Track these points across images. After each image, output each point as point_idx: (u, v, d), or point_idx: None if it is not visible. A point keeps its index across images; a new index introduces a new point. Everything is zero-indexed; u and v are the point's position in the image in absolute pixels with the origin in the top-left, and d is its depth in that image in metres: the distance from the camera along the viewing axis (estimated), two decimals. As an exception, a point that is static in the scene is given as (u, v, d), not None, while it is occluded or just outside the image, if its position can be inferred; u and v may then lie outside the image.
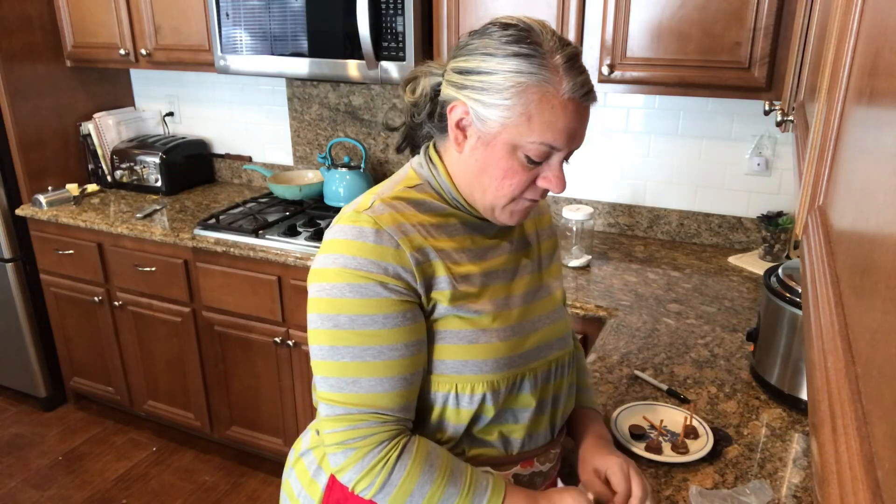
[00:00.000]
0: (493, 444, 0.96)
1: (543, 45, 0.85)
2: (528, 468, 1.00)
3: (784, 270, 1.38)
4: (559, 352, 1.03)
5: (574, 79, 0.85)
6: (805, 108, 1.02)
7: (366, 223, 0.88)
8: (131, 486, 2.59)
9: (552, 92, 0.84)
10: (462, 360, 0.91)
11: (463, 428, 0.93)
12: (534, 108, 0.84)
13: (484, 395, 0.92)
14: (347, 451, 0.88)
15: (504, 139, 0.87)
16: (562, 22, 1.92)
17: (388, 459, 0.87)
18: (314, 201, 2.65)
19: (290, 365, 2.40)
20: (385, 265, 0.86)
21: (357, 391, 0.87)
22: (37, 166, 2.81)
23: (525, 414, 0.97)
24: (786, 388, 1.34)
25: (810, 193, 0.70)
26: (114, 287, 2.66)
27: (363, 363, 0.87)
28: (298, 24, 2.21)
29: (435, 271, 0.90)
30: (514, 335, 0.95)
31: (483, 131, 0.88)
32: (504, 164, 0.88)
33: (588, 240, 2.10)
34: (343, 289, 0.87)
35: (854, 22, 0.58)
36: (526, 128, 0.85)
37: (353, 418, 0.88)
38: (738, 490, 1.09)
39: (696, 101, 2.17)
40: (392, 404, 0.88)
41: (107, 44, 2.69)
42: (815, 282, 0.59)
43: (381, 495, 0.88)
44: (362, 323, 0.86)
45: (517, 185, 0.89)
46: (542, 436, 1.01)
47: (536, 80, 0.84)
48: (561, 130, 0.86)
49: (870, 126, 0.46)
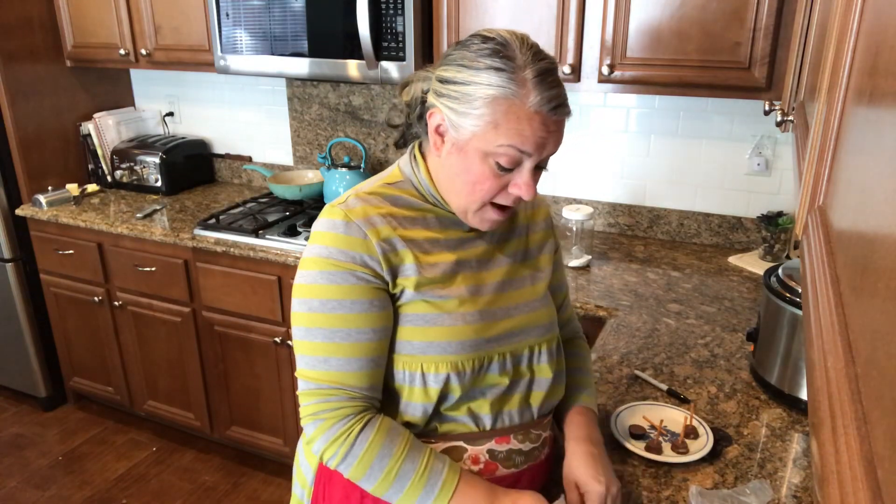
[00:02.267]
0: (463, 420, 1.01)
1: (516, 60, 0.90)
2: (505, 444, 1.03)
3: (784, 270, 1.38)
4: (538, 338, 1.06)
5: (542, 93, 0.89)
6: (805, 108, 1.02)
7: (337, 216, 0.96)
8: (131, 486, 2.59)
9: (518, 104, 0.89)
10: (427, 342, 0.97)
11: (432, 406, 0.98)
12: (501, 118, 0.89)
13: (448, 374, 0.97)
14: (317, 421, 0.95)
15: (475, 146, 0.92)
16: (562, 22, 1.92)
17: (352, 432, 0.93)
18: (314, 201, 2.65)
19: (290, 365, 2.40)
20: (353, 254, 0.94)
21: (327, 369, 0.95)
22: (37, 166, 2.81)
23: (494, 391, 1.01)
24: (786, 388, 1.34)
25: (810, 193, 0.70)
26: (114, 287, 2.66)
27: (332, 344, 0.95)
28: (298, 24, 2.21)
29: (402, 259, 0.96)
30: (481, 319, 1.00)
31: (457, 138, 0.93)
32: (476, 169, 0.93)
33: (588, 240, 2.10)
34: (316, 276, 0.95)
35: (854, 22, 0.58)
36: (493, 135, 0.90)
37: (323, 393, 0.95)
38: (738, 490, 1.09)
39: (695, 101, 2.17)
40: (359, 383, 0.95)
41: (107, 44, 2.69)
42: (815, 282, 0.59)
43: (343, 465, 0.95)
44: (331, 307, 0.94)
45: (488, 190, 0.94)
46: (517, 414, 1.04)
47: (504, 93, 0.89)
48: (527, 138, 0.90)
49: (870, 126, 0.46)
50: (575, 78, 1.96)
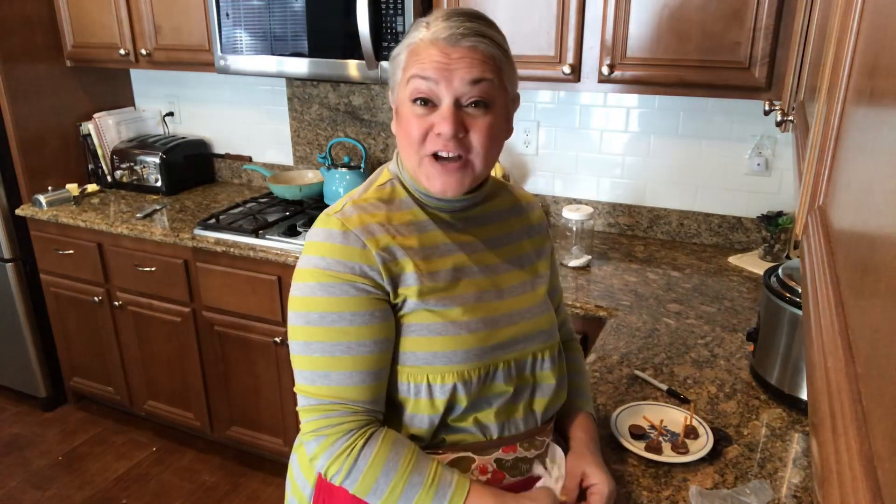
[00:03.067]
0: (470, 431, 0.99)
1: (430, 18, 0.94)
2: (511, 453, 1.02)
3: (784, 270, 1.38)
4: (541, 344, 1.05)
5: (439, 24, 0.91)
6: (805, 108, 1.02)
7: (334, 225, 0.94)
8: (131, 486, 2.59)
9: (417, 42, 0.93)
10: (432, 352, 0.95)
11: (439, 417, 0.96)
12: (410, 61, 0.93)
13: (455, 384, 0.95)
14: (319, 437, 0.93)
15: (401, 99, 0.95)
16: (562, 22, 1.92)
17: (354, 447, 0.91)
18: (314, 201, 2.65)
19: (289, 365, 2.39)
20: (352, 265, 0.92)
21: (328, 384, 0.93)
22: (37, 166, 2.81)
23: (499, 400, 1.00)
24: (786, 388, 1.34)
25: (810, 193, 0.70)
26: (114, 287, 2.66)
27: (332, 358, 0.93)
28: (298, 23, 2.21)
29: (403, 268, 0.94)
30: (484, 328, 0.98)
31: (394, 101, 0.98)
32: (405, 120, 0.94)
33: (588, 240, 2.10)
34: (314, 288, 0.92)
35: (854, 22, 0.58)
36: (403, 77, 0.94)
37: (324, 408, 0.93)
38: (738, 490, 1.09)
39: (695, 100, 2.17)
40: (361, 397, 0.93)
41: (107, 44, 2.69)
42: (815, 282, 0.59)
43: (348, 481, 0.92)
44: (331, 320, 0.92)
45: (417, 134, 0.93)
46: (521, 422, 1.03)
47: (413, 40, 0.93)
48: (425, 65, 0.90)
49: (870, 126, 0.46)
50: (575, 78, 1.96)
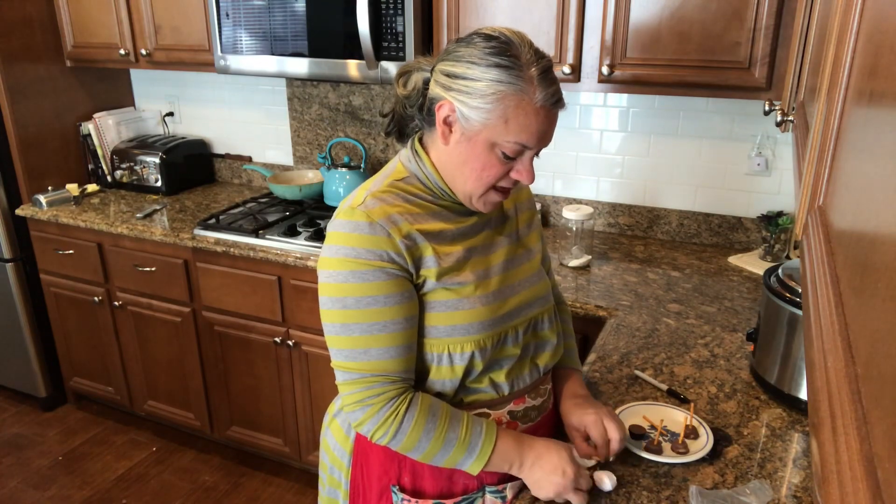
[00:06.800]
0: (485, 390, 1.12)
1: (521, 58, 0.99)
2: (521, 405, 1.17)
3: (784, 270, 1.38)
4: (539, 309, 1.19)
5: (546, 89, 0.99)
6: (805, 108, 1.02)
7: (360, 217, 1.03)
8: (131, 486, 2.59)
9: (527, 100, 0.98)
10: (451, 325, 1.07)
11: (458, 381, 1.09)
12: (511, 113, 0.98)
13: (473, 352, 1.08)
14: (364, 407, 1.05)
15: (484, 137, 1.01)
16: (562, 22, 1.92)
17: (398, 412, 1.04)
18: (314, 201, 2.65)
19: (290, 365, 2.40)
20: (380, 252, 1.02)
21: (368, 359, 1.04)
22: (37, 166, 2.81)
23: (509, 361, 1.13)
24: (786, 388, 1.34)
25: (810, 193, 0.70)
26: (114, 287, 2.66)
27: (371, 336, 1.03)
28: (298, 23, 2.21)
29: (423, 252, 1.05)
30: (494, 300, 1.10)
31: (466, 128, 1.02)
32: (483, 157, 1.02)
33: (588, 240, 2.10)
34: (347, 275, 1.02)
35: (854, 22, 0.58)
36: (503, 129, 0.99)
37: (366, 381, 1.05)
38: (738, 490, 1.09)
39: (695, 101, 2.17)
40: (397, 368, 1.05)
41: (107, 44, 2.69)
42: (815, 282, 0.59)
43: (394, 441, 1.05)
44: (367, 303, 1.02)
45: (493, 176, 1.04)
46: (528, 376, 1.17)
47: (514, 89, 0.97)
48: (533, 133, 1.00)
49: (870, 126, 0.46)
50: (575, 78, 1.96)
